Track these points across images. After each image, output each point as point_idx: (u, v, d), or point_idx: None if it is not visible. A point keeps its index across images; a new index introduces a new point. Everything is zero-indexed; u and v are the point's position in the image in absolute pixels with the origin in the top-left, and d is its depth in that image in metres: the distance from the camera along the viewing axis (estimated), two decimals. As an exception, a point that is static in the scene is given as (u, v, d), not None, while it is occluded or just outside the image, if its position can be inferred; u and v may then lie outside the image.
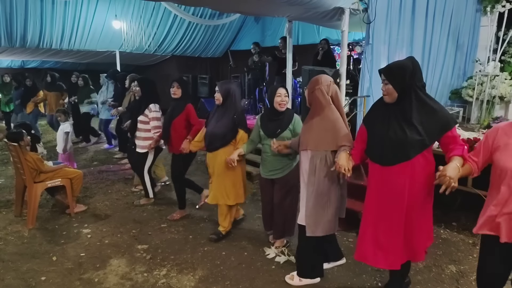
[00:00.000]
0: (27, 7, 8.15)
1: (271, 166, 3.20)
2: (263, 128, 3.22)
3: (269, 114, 3.24)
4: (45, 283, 2.87)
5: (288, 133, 3.13)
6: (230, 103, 3.34)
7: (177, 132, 3.86)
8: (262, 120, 3.26)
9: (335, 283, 2.86)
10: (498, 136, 2.00)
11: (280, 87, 3.15)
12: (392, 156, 2.20)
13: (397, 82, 2.19)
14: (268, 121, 3.20)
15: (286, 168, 3.18)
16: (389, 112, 2.26)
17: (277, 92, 3.09)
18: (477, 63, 5.48)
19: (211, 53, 12.11)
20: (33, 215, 3.89)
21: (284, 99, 3.11)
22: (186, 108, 3.86)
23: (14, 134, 3.97)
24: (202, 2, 5.74)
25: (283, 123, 3.13)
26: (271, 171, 3.22)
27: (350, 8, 4.30)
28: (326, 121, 2.59)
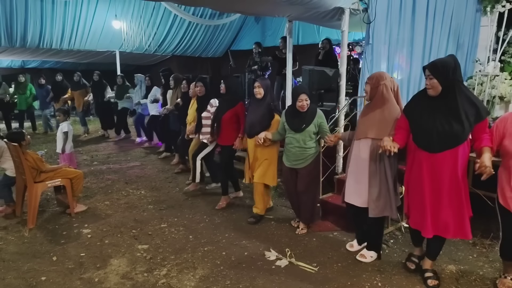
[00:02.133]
0: (27, 7, 8.17)
1: (295, 157, 3.53)
2: (288, 123, 3.55)
3: (292, 111, 3.56)
4: (45, 283, 2.87)
5: (313, 127, 3.47)
6: (268, 95, 3.84)
7: (227, 126, 4.20)
8: (286, 115, 3.61)
9: (335, 282, 2.86)
10: (508, 124, 2.48)
11: (302, 92, 3.43)
12: (440, 145, 2.54)
13: (441, 77, 2.48)
14: (292, 117, 3.53)
15: (309, 158, 3.52)
16: (434, 104, 2.57)
17: (299, 98, 3.42)
18: (477, 63, 5.48)
19: (211, 53, 12.12)
20: (33, 215, 3.89)
21: (304, 103, 3.42)
22: (239, 105, 4.19)
23: (15, 134, 3.97)
24: (202, 2, 5.74)
25: (306, 119, 3.46)
26: (294, 161, 3.54)
27: (350, 8, 4.29)
28: (388, 113, 2.86)
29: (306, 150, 3.50)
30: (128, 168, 6.13)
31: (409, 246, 3.39)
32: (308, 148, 3.50)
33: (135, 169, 6.08)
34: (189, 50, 11.58)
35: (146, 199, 4.72)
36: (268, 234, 3.72)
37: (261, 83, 3.84)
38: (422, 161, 2.64)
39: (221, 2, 4.71)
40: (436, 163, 2.58)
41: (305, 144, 3.49)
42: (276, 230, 3.81)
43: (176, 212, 4.28)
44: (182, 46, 11.29)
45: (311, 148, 3.52)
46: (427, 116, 2.59)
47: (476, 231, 3.61)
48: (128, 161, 6.65)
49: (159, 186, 5.22)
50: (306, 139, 3.49)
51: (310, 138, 3.51)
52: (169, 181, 5.44)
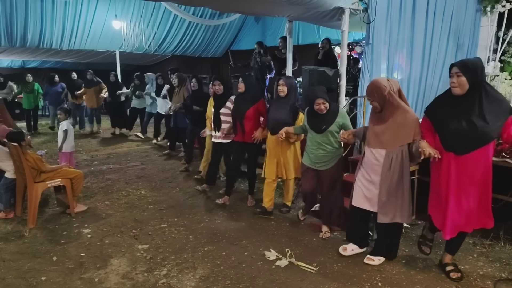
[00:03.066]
0: (27, 7, 8.17)
1: (316, 158, 3.45)
2: (309, 123, 3.49)
3: (312, 111, 3.44)
4: (46, 283, 2.87)
5: (335, 128, 3.36)
6: (291, 94, 3.79)
7: (250, 123, 4.14)
8: (308, 115, 3.52)
9: (336, 282, 2.86)
10: None
11: (317, 97, 3.33)
12: (467, 146, 2.52)
13: (470, 75, 2.50)
14: (313, 118, 3.44)
15: (332, 160, 3.43)
16: (458, 104, 2.56)
17: (316, 102, 3.33)
18: (477, 63, 5.47)
19: (211, 53, 12.13)
20: (33, 215, 3.89)
21: (322, 107, 3.33)
22: (260, 102, 4.16)
23: (15, 134, 3.97)
24: (202, 2, 5.74)
25: (326, 120, 3.36)
26: (317, 163, 3.47)
27: (350, 8, 4.30)
28: (401, 119, 2.79)
29: (328, 152, 3.41)
30: (128, 168, 6.13)
31: (409, 246, 3.39)
32: (330, 150, 3.40)
33: (135, 169, 6.08)
34: (189, 50, 11.58)
35: (146, 199, 4.72)
36: (268, 234, 3.72)
37: (285, 81, 3.79)
38: (450, 163, 2.61)
39: (221, 2, 4.72)
40: (464, 164, 2.56)
41: (327, 145, 3.40)
42: (276, 230, 3.81)
43: (176, 212, 4.28)
44: (182, 46, 11.30)
45: (333, 150, 3.41)
46: (452, 117, 2.58)
47: (476, 231, 3.61)
48: (128, 161, 6.65)
49: (159, 186, 5.22)
50: (327, 140, 3.39)
51: (332, 139, 3.38)
52: (169, 181, 5.44)
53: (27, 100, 9.07)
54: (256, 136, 4.08)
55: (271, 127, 3.90)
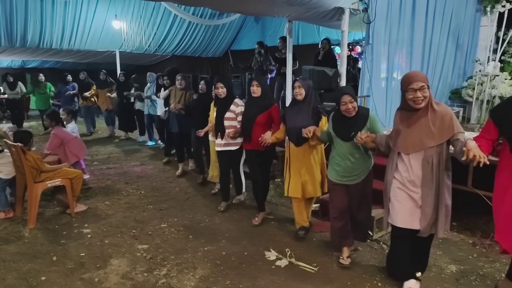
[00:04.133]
0: (27, 7, 8.17)
1: (345, 171, 2.99)
2: (334, 130, 3.02)
3: (338, 116, 2.99)
4: (46, 283, 2.88)
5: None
6: (311, 97, 3.38)
7: (261, 129, 3.74)
8: (333, 121, 3.07)
9: (336, 282, 2.86)
10: None
11: (344, 94, 2.87)
12: None
13: None
14: (339, 123, 2.99)
15: (362, 173, 2.98)
16: None
17: (341, 101, 2.86)
18: (477, 63, 5.49)
19: (211, 53, 12.13)
20: (33, 215, 3.89)
21: (349, 106, 2.85)
22: (273, 107, 3.81)
23: (24, 133, 3.97)
24: (202, 2, 5.74)
25: (355, 125, 2.90)
26: (345, 177, 3.00)
27: (350, 8, 4.30)
28: (435, 114, 2.42)
29: (357, 164, 2.95)
30: (129, 168, 6.13)
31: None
32: (360, 161, 2.95)
33: (135, 169, 6.08)
34: (189, 50, 11.58)
35: (146, 199, 4.72)
36: (268, 234, 3.72)
37: (301, 83, 3.36)
38: None
39: (221, 2, 4.72)
40: None
41: (357, 155, 2.94)
42: (277, 230, 3.81)
43: (177, 212, 4.28)
44: (182, 46, 11.30)
45: (363, 161, 2.96)
46: None
47: (476, 231, 3.62)
48: (129, 161, 6.65)
49: (160, 186, 5.22)
50: (357, 149, 2.93)
51: (363, 148, 2.93)
52: (170, 181, 5.44)
53: (39, 101, 9.06)
54: (264, 139, 3.57)
55: (295, 137, 3.38)
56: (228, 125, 4.05)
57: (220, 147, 4.15)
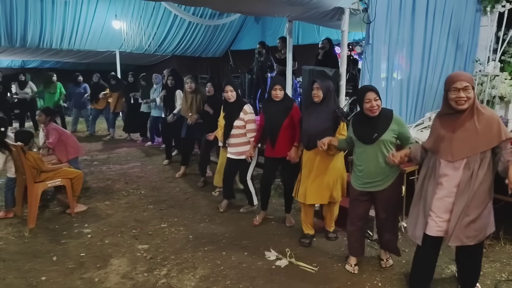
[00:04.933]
0: (27, 7, 8.16)
1: (368, 177, 2.79)
2: (355, 133, 2.84)
3: (360, 117, 2.84)
4: (46, 283, 2.88)
5: (389, 136, 2.73)
6: (330, 99, 3.21)
7: (286, 134, 3.58)
8: (353, 123, 2.89)
9: (336, 282, 2.86)
10: None
11: (368, 90, 2.71)
12: None
13: None
14: (361, 125, 2.81)
15: (389, 179, 2.78)
16: None
17: (365, 98, 2.69)
18: (477, 63, 5.48)
19: (211, 53, 12.11)
20: (33, 215, 3.89)
21: (374, 104, 2.67)
22: (294, 108, 3.60)
23: (25, 133, 3.97)
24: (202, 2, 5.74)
25: (378, 126, 2.72)
26: (369, 183, 2.80)
27: (350, 8, 4.30)
28: (478, 119, 2.25)
29: (381, 168, 2.74)
30: (129, 168, 6.14)
31: (409, 246, 3.39)
32: (384, 165, 2.73)
33: (135, 169, 6.08)
34: (189, 50, 11.57)
35: (146, 199, 4.72)
36: (268, 234, 3.72)
37: (320, 85, 3.17)
38: None
39: (221, 2, 4.71)
40: None
41: (380, 159, 2.73)
42: (276, 230, 3.81)
43: (177, 212, 4.28)
44: (182, 46, 11.28)
45: (388, 165, 2.72)
46: None
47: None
48: (128, 161, 6.65)
49: (160, 186, 5.22)
50: (380, 153, 2.73)
51: (387, 151, 2.72)
52: (170, 181, 5.44)
53: (50, 101, 9.04)
54: (292, 157, 3.49)
55: (306, 140, 3.27)
56: (237, 133, 3.97)
57: (230, 155, 4.09)
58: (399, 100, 4.68)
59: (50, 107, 4.91)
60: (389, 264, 3.08)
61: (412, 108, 4.83)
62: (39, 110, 4.76)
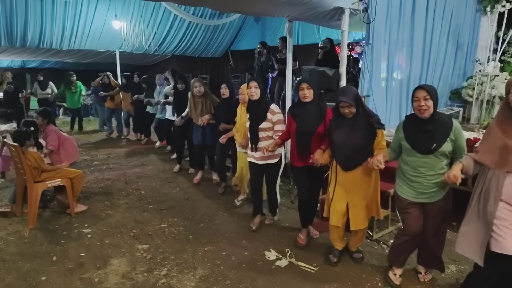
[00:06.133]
0: (27, 7, 8.16)
1: (422, 188, 2.57)
2: (409, 141, 2.56)
3: (415, 123, 2.54)
4: (46, 283, 2.88)
5: (448, 146, 2.46)
6: (362, 111, 2.79)
7: (319, 141, 3.15)
8: (406, 129, 2.61)
9: (336, 282, 2.86)
10: None
11: (418, 88, 2.47)
12: None
13: None
14: (415, 131, 2.54)
15: (442, 190, 2.57)
16: None
17: (415, 96, 2.46)
18: (477, 63, 5.49)
19: (211, 53, 12.12)
20: (33, 215, 3.89)
21: (422, 103, 2.41)
22: (329, 112, 3.17)
23: (21, 133, 3.96)
24: (202, 2, 5.74)
25: (437, 135, 2.45)
26: (424, 193, 2.58)
27: (350, 8, 4.30)
28: None
29: (437, 179, 2.51)
30: (128, 168, 6.13)
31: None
32: (439, 176, 2.48)
33: (135, 169, 6.08)
34: (189, 50, 11.57)
35: (146, 199, 4.72)
36: (268, 234, 3.72)
37: (349, 101, 2.70)
38: None
39: (221, 2, 4.71)
40: None
41: (437, 170, 2.49)
42: (276, 230, 3.81)
43: (176, 212, 4.28)
44: (182, 46, 11.29)
45: (443, 174, 2.42)
46: None
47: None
48: (128, 161, 6.65)
49: (159, 187, 5.22)
50: (437, 164, 2.48)
51: (443, 162, 2.50)
52: (169, 181, 5.44)
53: (71, 100, 9.11)
54: (316, 160, 3.00)
55: (343, 160, 2.85)
56: (265, 136, 3.56)
57: (254, 159, 3.66)
58: (399, 100, 4.68)
59: (47, 109, 4.87)
60: (428, 278, 2.88)
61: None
62: (36, 113, 4.70)
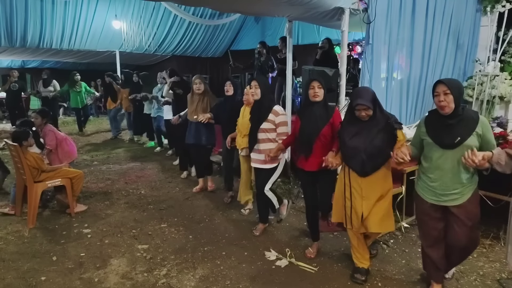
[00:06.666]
0: (27, 7, 8.17)
1: (445, 189, 2.40)
2: (432, 136, 2.43)
3: (437, 117, 2.43)
4: (45, 283, 2.87)
5: (474, 140, 2.31)
6: (379, 113, 2.63)
7: (324, 143, 3.01)
8: (428, 124, 2.49)
9: (335, 282, 2.86)
10: None
11: (438, 82, 2.34)
12: None
13: None
14: (438, 126, 2.42)
15: (468, 190, 2.38)
16: None
17: (435, 91, 2.34)
18: (477, 63, 5.48)
19: (211, 53, 12.12)
20: (33, 215, 3.89)
21: (441, 99, 2.29)
22: (336, 114, 3.08)
23: (20, 133, 3.96)
24: (202, 2, 5.74)
25: (461, 128, 2.32)
26: (445, 195, 2.41)
27: (350, 8, 4.30)
28: None
29: (461, 179, 2.36)
30: (128, 168, 6.13)
31: (409, 246, 3.40)
32: (464, 175, 2.35)
33: (135, 169, 6.08)
34: (189, 50, 11.57)
35: (146, 199, 4.72)
36: (268, 234, 3.72)
37: (366, 103, 2.54)
38: None
39: (221, 2, 4.71)
40: None
41: (461, 168, 2.34)
42: (276, 230, 3.81)
43: (176, 212, 4.28)
44: (182, 46, 11.29)
45: (469, 176, 2.35)
46: None
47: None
48: (128, 161, 6.65)
49: (159, 186, 5.22)
50: (462, 160, 2.28)
51: None
52: (169, 181, 5.43)
53: (75, 100, 9.10)
54: (330, 162, 2.79)
55: (360, 165, 2.64)
56: (264, 138, 3.43)
57: (256, 164, 3.54)
58: (399, 100, 4.68)
59: (45, 108, 4.85)
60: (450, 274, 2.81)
61: (412, 108, 4.83)
62: (34, 112, 4.69)
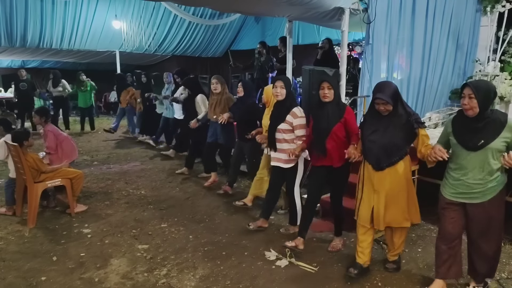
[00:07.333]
0: (27, 7, 8.18)
1: (465, 187, 2.43)
2: (457, 136, 2.45)
3: (463, 118, 2.43)
4: (46, 283, 2.88)
5: (499, 143, 2.32)
6: (400, 109, 2.64)
7: (337, 141, 3.07)
8: (455, 124, 2.50)
9: (335, 282, 2.86)
10: None
11: (465, 85, 2.37)
12: None
13: None
14: (464, 127, 2.42)
15: (490, 191, 2.40)
16: None
17: (462, 93, 2.37)
18: (477, 63, 5.49)
19: (211, 53, 12.13)
20: (33, 215, 3.89)
21: (465, 102, 2.31)
22: (348, 112, 3.11)
23: (20, 134, 3.96)
24: (202, 2, 5.74)
25: (487, 131, 2.32)
26: (464, 193, 2.45)
27: (350, 8, 4.30)
28: None
29: (484, 179, 2.37)
30: (128, 168, 6.14)
31: (409, 246, 3.39)
32: (487, 176, 2.37)
33: (135, 169, 6.08)
34: (189, 50, 11.58)
35: (146, 199, 4.72)
36: (268, 234, 3.72)
37: (385, 95, 2.56)
38: None
39: (221, 2, 4.72)
40: None
41: (484, 169, 2.36)
42: (276, 230, 3.81)
43: (177, 212, 4.28)
44: (182, 46, 11.30)
45: (492, 177, 2.37)
46: None
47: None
48: (128, 161, 6.65)
49: (159, 186, 5.22)
50: (486, 162, 2.34)
51: (493, 162, 2.35)
52: (169, 181, 5.44)
53: (82, 99, 9.13)
54: (352, 154, 2.79)
55: (374, 159, 2.69)
56: (281, 138, 3.47)
57: (274, 162, 3.58)
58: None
59: (45, 107, 4.85)
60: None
61: (412, 108, 4.82)
62: (33, 111, 4.69)
